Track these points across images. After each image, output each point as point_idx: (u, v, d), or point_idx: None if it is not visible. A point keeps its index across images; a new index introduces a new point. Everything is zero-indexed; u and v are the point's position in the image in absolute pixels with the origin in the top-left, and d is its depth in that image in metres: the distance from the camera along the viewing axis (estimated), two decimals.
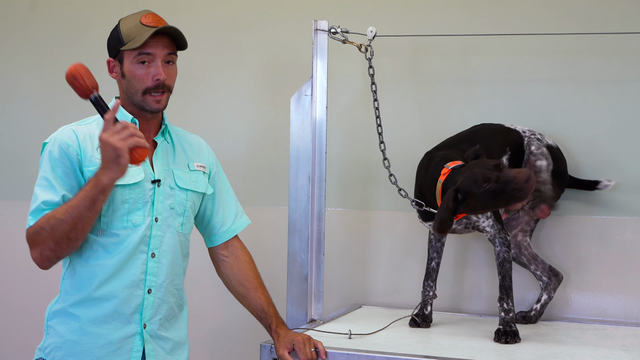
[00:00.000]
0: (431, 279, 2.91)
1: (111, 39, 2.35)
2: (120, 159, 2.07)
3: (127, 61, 2.31)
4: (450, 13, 3.31)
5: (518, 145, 2.95)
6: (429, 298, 2.89)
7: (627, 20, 3.08)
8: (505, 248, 2.73)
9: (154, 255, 2.32)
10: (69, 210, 2.13)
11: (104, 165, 2.09)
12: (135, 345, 2.31)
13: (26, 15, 3.97)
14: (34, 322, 3.94)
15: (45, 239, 2.15)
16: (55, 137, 2.33)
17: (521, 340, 2.62)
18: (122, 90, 2.36)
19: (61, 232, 2.14)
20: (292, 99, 2.93)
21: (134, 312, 2.31)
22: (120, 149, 2.06)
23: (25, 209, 3.89)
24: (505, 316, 2.65)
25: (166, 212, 2.36)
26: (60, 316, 2.29)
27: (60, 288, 2.34)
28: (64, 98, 3.90)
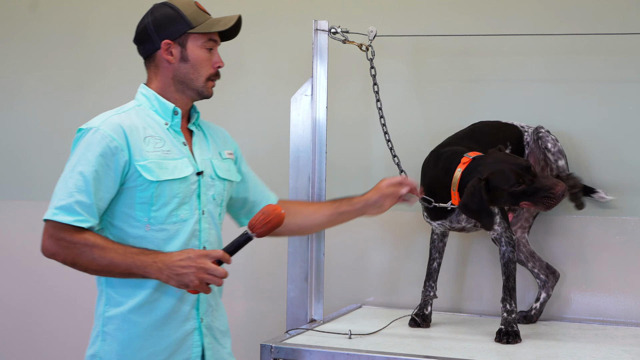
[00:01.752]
0: (432, 280, 2.90)
1: (169, 20, 2.25)
2: (182, 285, 2.10)
3: (194, 45, 2.26)
4: (450, 13, 3.31)
5: (518, 140, 2.95)
6: (429, 298, 2.89)
7: (627, 20, 3.08)
8: (511, 248, 2.73)
9: (205, 248, 2.26)
10: (104, 257, 2.10)
11: (169, 270, 2.09)
12: (195, 341, 2.28)
13: (26, 15, 3.97)
14: (34, 321, 3.94)
15: (69, 253, 2.12)
16: (97, 127, 2.19)
17: (522, 341, 2.62)
18: (172, 75, 2.28)
19: (85, 264, 2.12)
20: (292, 99, 2.93)
21: (191, 308, 2.26)
22: (192, 283, 2.09)
23: (25, 209, 3.93)
24: (507, 317, 2.65)
25: (210, 203, 2.30)
26: (118, 322, 2.20)
27: (108, 291, 2.22)
28: (64, 98, 3.91)
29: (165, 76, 2.29)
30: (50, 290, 3.90)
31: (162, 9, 2.27)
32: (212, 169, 2.34)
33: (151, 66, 2.32)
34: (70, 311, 3.87)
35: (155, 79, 2.31)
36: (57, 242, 2.12)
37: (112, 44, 3.83)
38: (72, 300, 3.87)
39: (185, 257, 2.10)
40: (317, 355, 2.46)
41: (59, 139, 3.91)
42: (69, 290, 3.87)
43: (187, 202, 2.24)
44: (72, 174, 2.15)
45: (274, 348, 2.48)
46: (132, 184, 2.18)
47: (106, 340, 2.21)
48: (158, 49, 2.27)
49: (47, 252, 2.14)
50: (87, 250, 2.10)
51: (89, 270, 2.14)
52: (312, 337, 2.64)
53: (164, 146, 2.23)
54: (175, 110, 2.30)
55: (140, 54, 2.34)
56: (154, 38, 2.26)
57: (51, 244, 2.13)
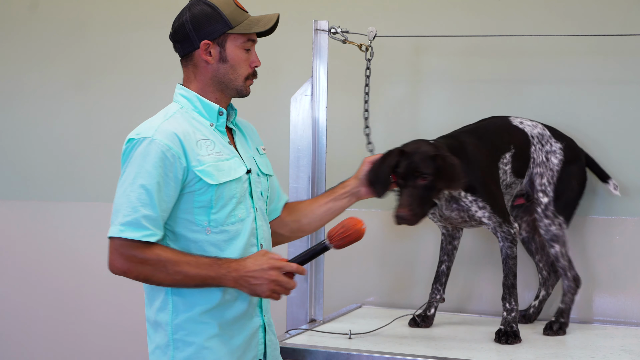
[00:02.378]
0: (439, 282, 2.90)
1: (208, 19, 2.19)
2: (254, 294, 2.12)
3: (233, 45, 2.21)
4: (450, 13, 3.31)
5: (523, 146, 2.88)
6: (434, 300, 2.89)
7: (627, 21, 3.08)
8: (509, 243, 2.70)
9: (261, 246, 2.25)
10: (179, 272, 2.07)
11: (243, 280, 2.09)
12: (260, 338, 2.27)
13: (26, 15, 3.97)
14: (34, 321, 3.94)
15: (142, 270, 2.08)
16: (152, 137, 2.11)
17: (521, 341, 2.62)
18: (211, 75, 2.23)
19: (159, 280, 2.10)
20: (292, 99, 2.93)
21: (255, 305, 2.25)
22: (264, 294, 2.11)
23: (25, 208, 3.93)
24: (507, 316, 2.65)
25: (260, 200, 2.29)
26: (191, 326, 2.14)
27: (174, 299, 2.15)
28: (64, 98, 3.91)
29: (204, 76, 2.23)
30: (50, 290, 3.90)
31: (200, 7, 2.20)
32: (257, 165, 2.33)
33: (189, 65, 2.25)
34: (70, 311, 3.87)
35: (194, 79, 2.25)
36: (128, 260, 2.07)
37: (112, 43, 3.83)
38: (72, 300, 3.87)
39: (258, 269, 2.09)
40: (317, 355, 2.46)
41: (58, 139, 3.91)
42: (69, 290, 3.87)
43: (243, 202, 2.22)
44: (133, 187, 2.09)
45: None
46: (190, 189, 2.14)
47: (179, 348, 2.14)
48: (196, 49, 2.21)
49: (117, 270, 2.09)
50: (160, 266, 2.07)
51: (163, 284, 2.11)
52: (312, 337, 2.64)
53: (215, 148, 2.20)
54: (220, 110, 2.27)
55: (176, 52, 2.27)
56: (192, 38, 2.20)
57: (122, 262, 2.08)
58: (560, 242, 2.83)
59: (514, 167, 2.84)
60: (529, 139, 2.88)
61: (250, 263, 2.10)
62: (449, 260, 2.92)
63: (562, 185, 2.86)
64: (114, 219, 2.10)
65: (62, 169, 3.90)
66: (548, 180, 2.85)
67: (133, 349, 3.77)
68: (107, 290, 3.80)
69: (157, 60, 3.76)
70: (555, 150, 2.88)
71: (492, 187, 2.74)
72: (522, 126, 2.90)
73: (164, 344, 2.16)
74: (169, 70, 3.70)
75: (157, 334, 2.18)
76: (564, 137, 2.94)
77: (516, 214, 3.00)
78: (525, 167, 2.88)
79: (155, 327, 2.18)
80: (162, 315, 2.16)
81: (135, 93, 3.80)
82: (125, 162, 2.12)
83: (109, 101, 3.85)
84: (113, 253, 2.09)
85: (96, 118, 3.86)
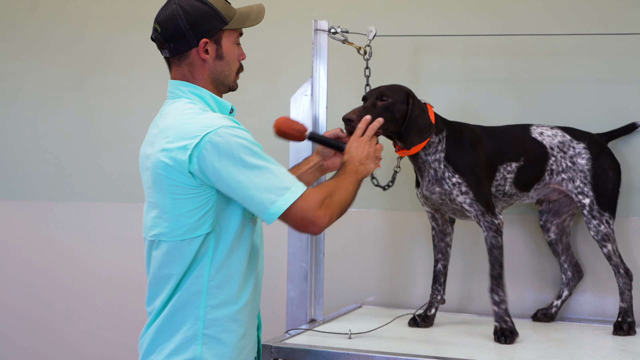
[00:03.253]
0: (438, 283, 2.90)
1: (205, 17, 2.14)
2: (370, 170, 2.35)
3: (228, 42, 2.20)
4: (450, 13, 3.31)
5: (536, 161, 2.83)
6: (435, 301, 2.89)
7: (627, 20, 3.08)
8: (493, 233, 2.68)
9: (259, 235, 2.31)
10: (344, 189, 2.19)
11: (362, 166, 2.32)
12: (257, 334, 2.30)
13: (26, 15, 3.97)
14: (34, 321, 3.94)
15: (333, 208, 2.11)
16: (223, 124, 2.05)
17: (519, 336, 2.62)
18: (208, 73, 2.20)
19: (347, 203, 2.18)
20: (292, 99, 2.92)
21: (258, 304, 2.27)
22: (375, 164, 2.38)
23: (25, 208, 3.93)
24: (498, 310, 2.64)
25: None
26: (226, 323, 2.12)
27: (212, 292, 2.11)
28: (64, 98, 3.91)
29: (202, 75, 2.19)
30: (50, 290, 3.90)
31: (191, 3, 2.14)
32: None
33: (182, 64, 2.19)
34: (70, 311, 3.87)
35: (192, 78, 2.20)
36: (321, 206, 2.08)
37: (112, 44, 3.84)
38: (72, 301, 3.87)
39: (364, 154, 2.35)
40: (317, 355, 2.46)
41: (58, 139, 3.91)
42: (69, 290, 3.87)
43: None
44: (260, 163, 2.04)
45: (274, 348, 2.48)
46: None
47: (208, 344, 2.10)
48: (193, 47, 2.16)
49: (323, 222, 2.09)
50: (334, 196, 2.14)
51: (348, 201, 2.20)
52: (312, 337, 2.64)
53: None
54: (231, 108, 2.27)
55: (167, 51, 2.19)
56: (189, 36, 2.14)
57: (320, 212, 2.07)
58: (611, 240, 2.82)
59: (518, 178, 2.82)
60: (547, 152, 2.84)
61: (355, 154, 2.34)
62: (444, 259, 2.91)
63: (599, 181, 2.82)
64: (273, 195, 2.03)
65: (62, 169, 3.90)
66: (582, 181, 2.82)
67: (133, 349, 3.77)
68: (107, 290, 3.80)
69: (157, 60, 3.74)
70: (580, 152, 2.85)
71: (481, 177, 2.72)
72: (542, 138, 2.85)
73: (189, 336, 2.11)
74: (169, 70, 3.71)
75: (186, 326, 2.11)
76: (583, 134, 2.89)
77: (546, 218, 3.00)
78: (534, 182, 2.85)
79: (186, 319, 2.11)
80: (190, 308, 2.11)
81: (135, 93, 3.80)
82: (227, 155, 2.02)
83: (109, 101, 3.86)
84: (305, 214, 2.06)
85: (96, 118, 3.86)
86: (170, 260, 2.11)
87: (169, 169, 2.05)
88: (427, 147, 2.71)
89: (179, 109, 2.12)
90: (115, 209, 3.80)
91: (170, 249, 2.10)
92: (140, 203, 3.75)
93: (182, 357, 2.10)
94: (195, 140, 2.01)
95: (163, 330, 2.14)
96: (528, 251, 3.18)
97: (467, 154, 2.72)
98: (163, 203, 2.09)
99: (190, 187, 2.05)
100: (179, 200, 2.07)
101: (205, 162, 2.02)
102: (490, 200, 2.73)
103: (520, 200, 2.89)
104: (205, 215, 2.08)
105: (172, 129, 2.07)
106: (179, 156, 2.03)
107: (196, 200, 2.06)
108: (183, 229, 2.08)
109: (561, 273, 3.04)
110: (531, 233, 3.16)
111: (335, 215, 2.12)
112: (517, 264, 3.16)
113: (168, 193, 2.07)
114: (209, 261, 2.10)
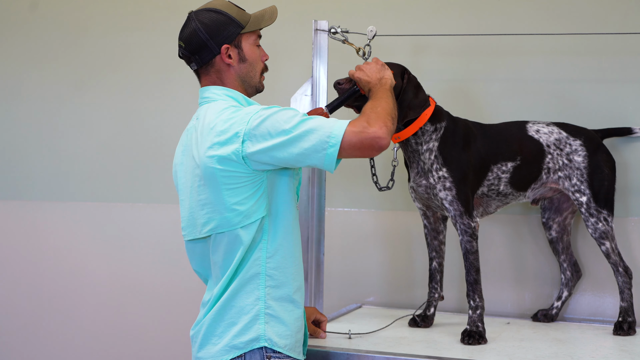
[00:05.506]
0: (435, 281, 2.90)
1: (221, 25, 2.29)
2: (383, 67, 2.48)
3: (247, 44, 2.34)
4: (450, 13, 3.31)
5: (533, 159, 2.83)
6: (432, 300, 2.89)
7: (627, 20, 3.08)
8: (468, 237, 2.67)
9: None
10: (384, 104, 2.25)
11: (377, 76, 2.43)
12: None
13: (26, 15, 3.97)
14: (32, 323, 3.94)
15: (381, 114, 2.19)
16: (272, 107, 2.26)
17: (487, 342, 2.60)
18: (235, 77, 2.34)
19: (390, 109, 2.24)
20: (292, 99, 2.93)
21: None
22: (379, 61, 2.50)
23: (25, 208, 3.93)
24: (472, 314, 2.64)
25: None
26: (286, 303, 2.24)
27: (271, 272, 2.22)
28: (64, 98, 3.91)
29: (230, 79, 2.33)
30: (50, 290, 3.90)
31: (208, 15, 2.29)
32: None
33: (210, 72, 2.33)
34: (70, 311, 3.87)
35: (221, 83, 2.33)
36: (370, 124, 2.15)
37: (112, 44, 3.84)
38: (72, 301, 3.87)
39: (374, 70, 2.47)
40: (317, 355, 2.46)
41: (58, 139, 3.91)
42: (68, 290, 3.87)
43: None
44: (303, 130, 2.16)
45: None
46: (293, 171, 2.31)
47: (270, 323, 2.21)
48: (216, 55, 2.30)
49: (382, 131, 2.15)
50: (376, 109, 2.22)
51: (395, 111, 2.27)
52: (312, 337, 2.64)
53: None
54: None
55: (194, 64, 2.32)
56: (211, 45, 2.29)
57: (372, 127, 2.14)
58: (609, 237, 2.81)
59: (514, 178, 2.81)
60: (543, 150, 2.83)
61: (367, 77, 2.44)
62: (439, 257, 2.90)
63: (595, 178, 2.81)
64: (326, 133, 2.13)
65: (62, 169, 3.90)
66: (578, 179, 2.81)
67: (133, 349, 3.77)
68: (107, 290, 3.80)
69: (157, 60, 3.77)
70: (577, 149, 2.84)
71: (468, 176, 2.70)
72: (538, 136, 2.85)
73: (252, 317, 2.20)
74: (169, 70, 3.72)
75: (245, 307, 2.20)
76: (580, 131, 2.88)
77: (548, 216, 3.00)
78: (531, 181, 2.84)
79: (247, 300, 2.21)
80: (249, 290, 2.21)
81: (135, 93, 3.80)
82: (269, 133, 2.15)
83: (109, 101, 3.86)
84: (359, 136, 2.13)
85: (96, 118, 3.86)
86: (230, 250, 2.22)
87: (223, 161, 2.16)
88: (421, 135, 2.70)
89: (218, 108, 2.24)
90: (115, 209, 3.80)
91: (230, 239, 2.21)
92: (141, 203, 3.78)
93: (247, 336, 2.19)
94: (244, 126, 2.15)
95: (223, 315, 2.23)
96: (528, 251, 3.18)
97: (459, 150, 2.71)
98: (217, 197, 2.19)
99: (244, 175, 2.17)
100: (234, 189, 2.18)
101: (258, 143, 2.14)
102: (470, 201, 2.71)
103: (516, 199, 2.88)
104: (260, 200, 2.20)
105: (219, 124, 2.18)
106: (232, 145, 2.15)
107: (250, 187, 2.19)
108: (240, 217, 2.19)
109: (560, 273, 3.04)
110: (533, 233, 3.16)
111: (389, 122, 2.19)
112: (518, 264, 3.17)
113: (222, 185, 2.18)
114: (265, 244, 2.23)
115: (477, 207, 2.84)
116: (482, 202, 2.84)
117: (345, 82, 2.60)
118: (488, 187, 2.79)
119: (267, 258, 2.22)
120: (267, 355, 2.18)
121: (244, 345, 2.18)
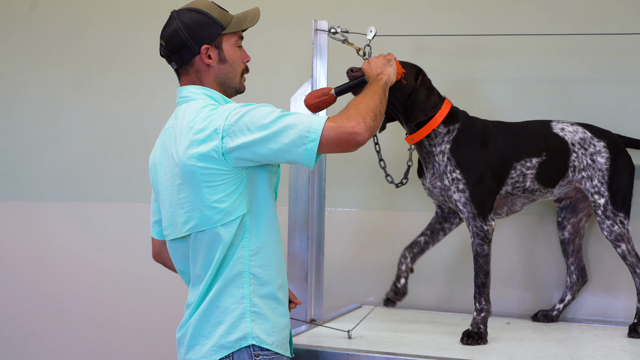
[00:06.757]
0: (410, 250, 2.88)
1: (202, 25, 2.29)
2: (389, 62, 2.53)
3: (228, 45, 2.33)
4: (450, 13, 3.31)
5: (559, 156, 2.80)
6: (401, 272, 2.86)
7: (627, 20, 3.08)
8: (479, 240, 2.66)
9: None
10: (371, 100, 2.25)
11: (377, 71, 2.47)
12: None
13: (26, 15, 3.97)
14: (32, 323, 3.94)
15: (365, 120, 2.16)
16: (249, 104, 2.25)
17: (487, 342, 2.60)
18: (214, 78, 2.33)
19: (376, 106, 2.24)
20: (292, 99, 2.93)
21: None
22: (389, 55, 2.56)
23: (25, 208, 3.93)
24: (476, 316, 2.63)
25: None
26: (269, 301, 2.24)
27: (255, 271, 2.22)
28: (64, 98, 3.91)
29: (209, 79, 2.33)
30: (50, 290, 3.90)
31: (189, 15, 2.30)
32: None
33: (190, 72, 2.33)
34: (69, 311, 3.87)
35: (200, 83, 2.34)
36: (349, 119, 2.16)
37: (112, 44, 3.84)
38: (72, 300, 3.87)
39: (382, 63, 2.52)
40: (317, 355, 2.46)
41: (59, 139, 3.91)
42: (68, 290, 3.87)
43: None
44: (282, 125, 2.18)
45: None
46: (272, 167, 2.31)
47: (256, 321, 2.21)
48: (196, 55, 2.30)
49: (360, 127, 2.15)
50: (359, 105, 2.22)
51: (380, 108, 2.27)
52: (312, 337, 2.64)
53: None
54: None
55: (174, 63, 2.33)
56: (191, 45, 2.29)
57: (350, 122, 2.15)
58: (625, 240, 2.79)
59: (541, 174, 2.78)
60: (568, 148, 2.81)
61: (370, 70, 2.50)
62: (431, 237, 2.88)
63: (614, 181, 2.80)
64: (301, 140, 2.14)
65: (62, 169, 3.90)
66: (599, 180, 2.79)
67: (133, 348, 3.77)
68: (107, 290, 3.80)
69: (157, 60, 3.75)
70: (600, 150, 2.82)
71: (484, 177, 2.68)
72: (563, 134, 2.82)
73: (237, 316, 2.20)
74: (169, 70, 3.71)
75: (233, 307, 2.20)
76: (604, 133, 2.87)
77: (564, 216, 2.99)
78: (558, 177, 2.81)
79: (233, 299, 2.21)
80: (234, 288, 2.22)
81: (135, 93, 3.80)
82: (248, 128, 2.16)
83: (109, 101, 3.86)
84: (337, 131, 2.14)
85: (96, 118, 3.86)
86: (211, 248, 2.21)
87: (203, 158, 2.16)
88: (434, 137, 2.70)
89: (196, 107, 2.24)
90: (115, 209, 3.80)
91: (211, 237, 2.20)
92: (141, 203, 3.77)
93: (234, 335, 2.19)
94: (222, 123, 2.15)
95: (209, 315, 2.22)
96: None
97: (474, 150, 2.69)
98: (196, 195, 2.19)
99: (224, 172, 2.17)
100: (214, 187, 2.18)
101: (237, 138, 2.14)
102: (486, 203, 2.68)
103: (543, 196, 2.85)
104: (240, 197, 2.20)
105: (198, 122, 2.18)
106: (212, 142, 2.15)
107: (230, 185, 2.18)
108: (221, 214, 2.18)
109: (566, 275, 3.03)
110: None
111: (369, 118, 2.18)
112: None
113: (202, 182, 2.17)
114: (247, 242, 2.22)
115: (502, 206, 2.82)
116: (506, 202, 2.82)
117: (357, 70, 2.63)
118: (512, 185, 2.76)
119: (251, 256, 2.22)
120: (255, 353, 2.18)
121: (231, 345, 2.19)
